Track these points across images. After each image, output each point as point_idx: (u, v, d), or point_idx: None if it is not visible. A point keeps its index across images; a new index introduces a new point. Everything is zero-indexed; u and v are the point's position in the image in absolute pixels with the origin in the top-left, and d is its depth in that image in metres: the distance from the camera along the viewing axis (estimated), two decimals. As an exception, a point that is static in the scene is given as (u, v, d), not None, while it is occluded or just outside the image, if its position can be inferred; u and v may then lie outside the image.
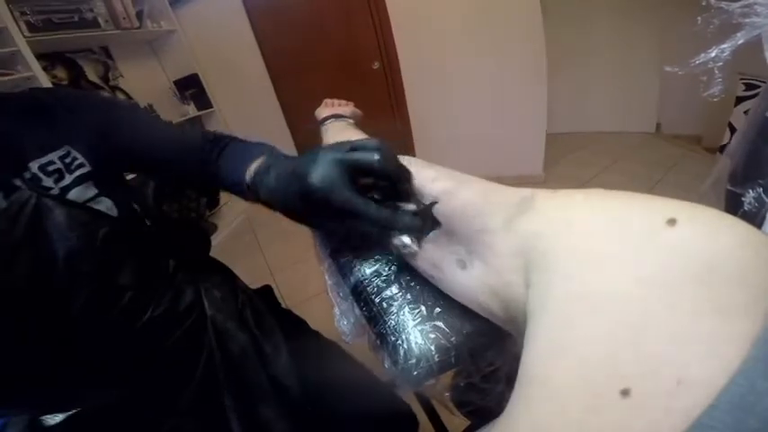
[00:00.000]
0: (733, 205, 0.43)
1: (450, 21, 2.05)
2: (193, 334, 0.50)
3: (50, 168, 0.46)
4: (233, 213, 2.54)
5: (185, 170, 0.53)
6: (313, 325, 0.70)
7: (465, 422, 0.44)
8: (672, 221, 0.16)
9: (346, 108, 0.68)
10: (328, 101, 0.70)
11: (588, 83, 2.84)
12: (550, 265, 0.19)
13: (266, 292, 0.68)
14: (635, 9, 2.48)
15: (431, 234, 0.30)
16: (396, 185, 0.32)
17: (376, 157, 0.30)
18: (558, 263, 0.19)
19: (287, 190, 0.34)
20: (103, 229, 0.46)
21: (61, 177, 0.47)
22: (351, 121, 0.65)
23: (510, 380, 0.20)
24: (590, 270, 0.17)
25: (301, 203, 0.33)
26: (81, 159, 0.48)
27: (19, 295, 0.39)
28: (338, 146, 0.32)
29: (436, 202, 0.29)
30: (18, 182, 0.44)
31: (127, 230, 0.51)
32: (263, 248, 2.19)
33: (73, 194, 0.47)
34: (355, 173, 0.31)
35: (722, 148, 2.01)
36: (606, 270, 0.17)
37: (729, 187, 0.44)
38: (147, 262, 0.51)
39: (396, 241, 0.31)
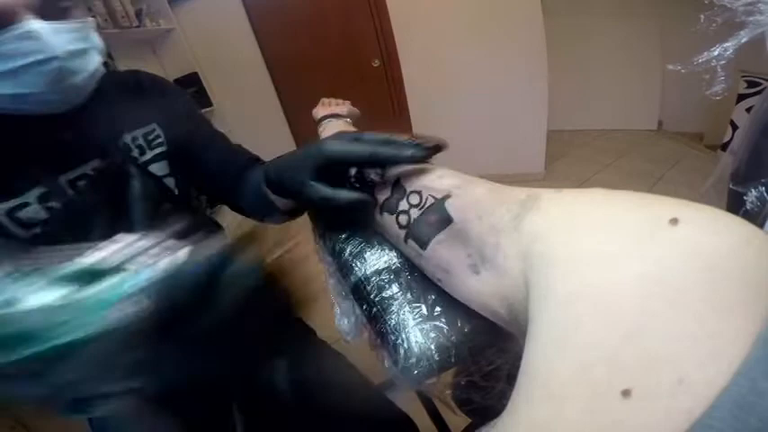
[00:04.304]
0: (735, 204, 0.42)
1: (450, 17, 2.04)
2: None
3: (137, 143, 0.52)
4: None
5: (222, 185, 0.59)
6: (313, 325, 0.70)
7: (466, 421, 0.44)
8: (674, 221, 0.16)
9: (343, 107, 0.69)
10: (325, 100, 0.71)
11: (590, 80, 2.83)
12: (552, 264, 0.19)
13: None
14: (637, 6, 2.47)
15: (441, 234, 0.29)
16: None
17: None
18: (559, 262, 0.19)
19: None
20: (167, 206, 0.53)
21: (143, 152, 0.52)
22: (348, 119, 0.65)
23: (511, 379, 0.19)
24: (591, 269, 0.17)
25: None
26: (162, 138, 0.54)
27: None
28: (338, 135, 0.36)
29: (450, 196, 0.28)
30: (113, 149, 0.50)
31: (182, 211, 0.58)
32: (263, 247, 2.19)
33: (152, 169, 0.53)
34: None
35: (724, 146, 2.01)
36: (607, 269, 0.16)
37: (731, 186, 0.44)
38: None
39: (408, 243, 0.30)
